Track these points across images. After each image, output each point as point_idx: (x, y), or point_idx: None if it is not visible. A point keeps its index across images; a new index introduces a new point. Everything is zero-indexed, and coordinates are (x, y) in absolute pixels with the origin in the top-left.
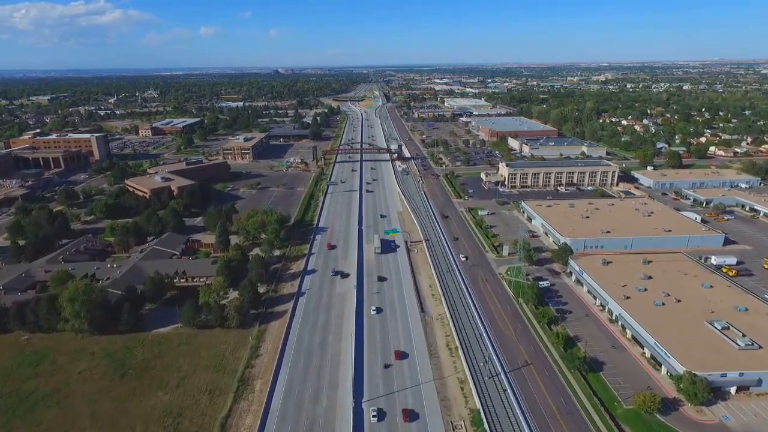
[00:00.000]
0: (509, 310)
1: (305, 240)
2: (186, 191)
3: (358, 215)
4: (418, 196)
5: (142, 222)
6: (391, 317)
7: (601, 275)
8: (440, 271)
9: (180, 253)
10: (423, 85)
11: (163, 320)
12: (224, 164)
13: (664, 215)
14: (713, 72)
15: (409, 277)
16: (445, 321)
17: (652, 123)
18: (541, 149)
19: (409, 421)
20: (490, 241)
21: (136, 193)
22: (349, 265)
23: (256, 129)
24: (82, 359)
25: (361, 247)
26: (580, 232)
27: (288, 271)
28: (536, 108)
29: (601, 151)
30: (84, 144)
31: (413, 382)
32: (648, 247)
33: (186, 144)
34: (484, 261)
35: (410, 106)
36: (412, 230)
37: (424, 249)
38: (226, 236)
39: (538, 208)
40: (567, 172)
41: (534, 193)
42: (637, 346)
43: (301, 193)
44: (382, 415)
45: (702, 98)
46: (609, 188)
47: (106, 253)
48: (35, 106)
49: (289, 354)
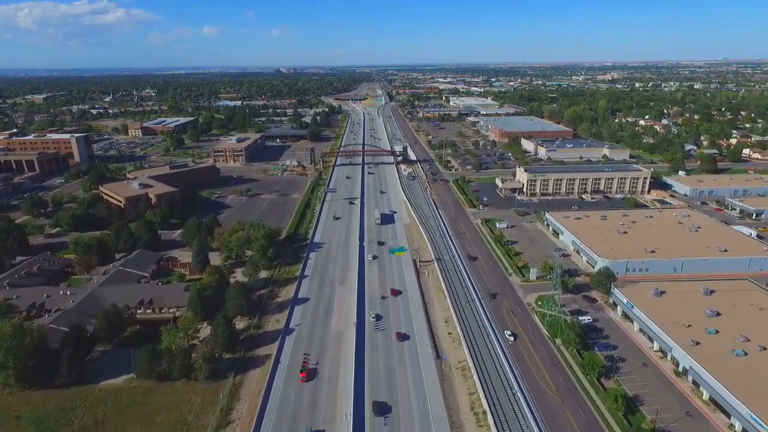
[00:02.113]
0: (545, 356)
1: (298, 258)
2: (165, 199)
3: (360, 229)
4: (426, 205)
5: (110, 237)
6: (400, 366)
7: (656, 310)
8: (457, 301)
9: (150, 276)
10: (426, 84)
11: (115, 368)
12: (213, 168)
13: (713, 230)
14: (720, 71)
15: (420, 309)
16: (467, 372)
17: (672, 123)
18: (558, 152)
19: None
20: (513, 262)
21: (111, 201)
22: (348, 291)
23: (252, 129)
24: (1, 426)
25: (362, 270)
26: (620, 252)
27: (275, 299)
28: (547, 107)
29: (624, 153)
30: (63, 145)
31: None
32: (702, 271)
33: (175, 145)
34: (507, 287)
35: (414, 105)
36: (421, 246)
37: (436, 270)
38: (205, 255)
39: (566, 221)
40: (593, 178)
41: (556, 202)
42: (719, 413)
43: (296, 201)
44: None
45: (720, 97)
46: (639, 196)
47: (65, 275)
48: (28, 105)
49: (269, 419)
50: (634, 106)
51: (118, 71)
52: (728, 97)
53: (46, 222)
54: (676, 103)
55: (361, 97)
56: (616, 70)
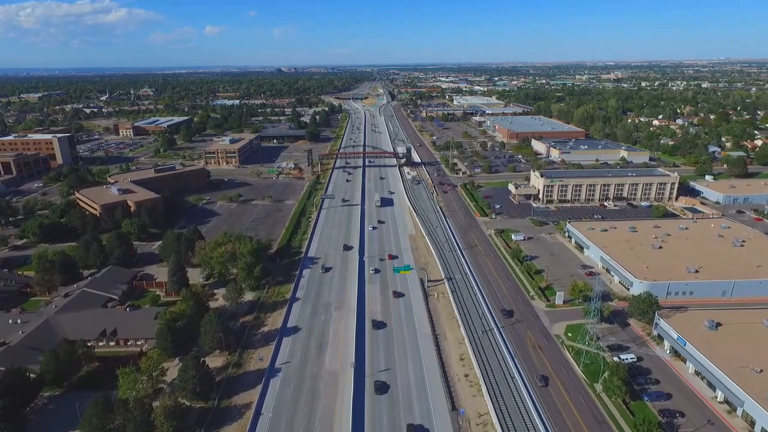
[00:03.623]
0: (584, 408)
1: (289, 277)
2: (145, 207)
3: (360, 243)
4: (433, 213)
5: (78, 251)
6: (407, 423)
7: (715, 349)
8: (473, 332)
9: (120, 298)
10: (428, 83)
11: (63, 421)
12: (202, 171)
13: (760, 245)
14: (724, 71)
15: (431, 344)
16: (489, 428)
17: (688, 123)
18: (573, 154)
19: None
20: (535, 282)
21: (87, 209)
22: (346, 318)
23: (248, 129)
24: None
25: (362, 291)
26: (659, 271)
27: (261, 327)
28: (556, 106)
29: (644, 156)
30: (44, 146)
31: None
32: (756, 295)
33: (166, 146)
34: (530, 313)
35: (417, 104)
36: (429, 261)
37: (446, 292)
38: (182, 273)
39: (592, 233)
40: (616, 183)
41: (576, 210)
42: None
43: (291, 208)
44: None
45: (733, 96)
46: (667, 204)
47: (23, 297)
48: (21, 104)
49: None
50: (644, 105)
51: (120, 71)
52: (741, 96)
53: (13, 232)
54: (688, 102)
55: (362, 96)
56: (619, 70)
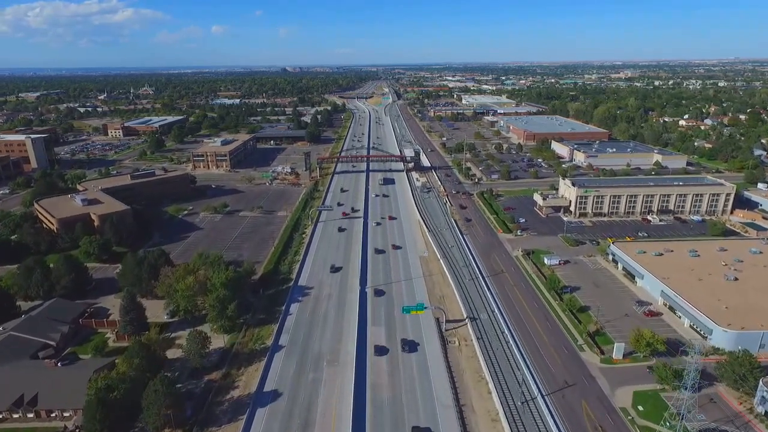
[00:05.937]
0: None
1: (273, 313)
2: (110, 221)
3: (361, 269)
4: (447, 229)
5: (17, 278)
6: None
7: None
8: (510, 403)
9: (58, 343)
10: (434, 82)
11: None
12: (185, 177)
13: None
14: (736, 70)
15: (454, 421)
16: None
17: (718, 123)
18: (600, 158)
19: None
20: (582, 327)
21: (45, 222)
22: (341, 380)
23: (245, 129)
24: None
25: (363, 336)
26: (743, 314)
27: (230, 391)
28: (572, 105)
29: (681, 160)
30: (17, 148)
31: None
32: None
33: (154, 147)
34: (582, 372)
35: (424, 103)
36: (446, 294)
37: (470, 339)
38: (137, 312)
39: (643, 258)
40: (661, 194)
41: (615, 225)
42: None
43: (283, 221)
44: None
45: (759, 95)
46: (720, 218)
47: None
48: (17, 103)
49: None
50: (665, 104)
51: (126, 71)
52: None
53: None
54: (711, 100)
55: (367, 95)
56: (628, 69)
